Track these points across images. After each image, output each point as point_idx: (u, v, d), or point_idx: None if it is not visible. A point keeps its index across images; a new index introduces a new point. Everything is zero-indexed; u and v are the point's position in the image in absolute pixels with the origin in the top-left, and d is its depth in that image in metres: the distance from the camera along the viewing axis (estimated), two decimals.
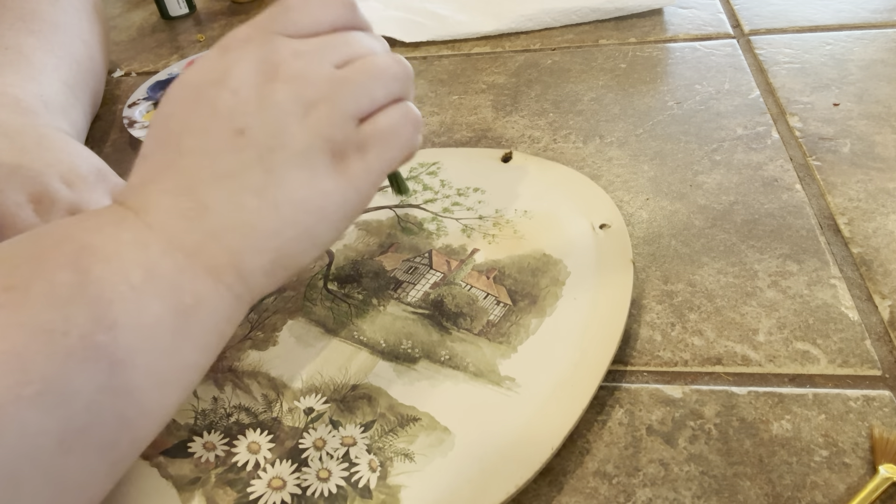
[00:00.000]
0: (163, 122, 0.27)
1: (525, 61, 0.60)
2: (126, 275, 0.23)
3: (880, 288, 0.36)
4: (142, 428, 0.23)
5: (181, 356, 0.24)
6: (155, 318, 0.23)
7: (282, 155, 0.26)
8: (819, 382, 0.32)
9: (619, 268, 0.36)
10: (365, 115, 0.28)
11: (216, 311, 0.25)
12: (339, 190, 0.27)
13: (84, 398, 0.21)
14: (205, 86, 0.26)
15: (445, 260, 0.39)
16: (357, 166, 0.27)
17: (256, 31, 0.27)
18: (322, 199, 0.26)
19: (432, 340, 0.34)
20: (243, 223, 0.25)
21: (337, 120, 0.26)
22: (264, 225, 0.25)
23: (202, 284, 0.24)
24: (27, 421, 0.20)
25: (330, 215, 0.27)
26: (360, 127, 0.27)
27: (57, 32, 0.52)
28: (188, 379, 0.25)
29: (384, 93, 0.28)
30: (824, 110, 0.49)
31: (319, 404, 0.32)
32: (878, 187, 0.42)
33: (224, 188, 0.25)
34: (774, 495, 0.28)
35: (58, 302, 0.21)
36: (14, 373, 0.20)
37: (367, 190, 0.28)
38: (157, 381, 0.23)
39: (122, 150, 0.55)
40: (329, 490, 0.29)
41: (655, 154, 0.46)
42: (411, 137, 0.29)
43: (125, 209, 0.25)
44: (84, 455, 0.21)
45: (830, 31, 0.58)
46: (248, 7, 0.78)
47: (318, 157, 0.26)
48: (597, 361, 0.32)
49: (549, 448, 0.29)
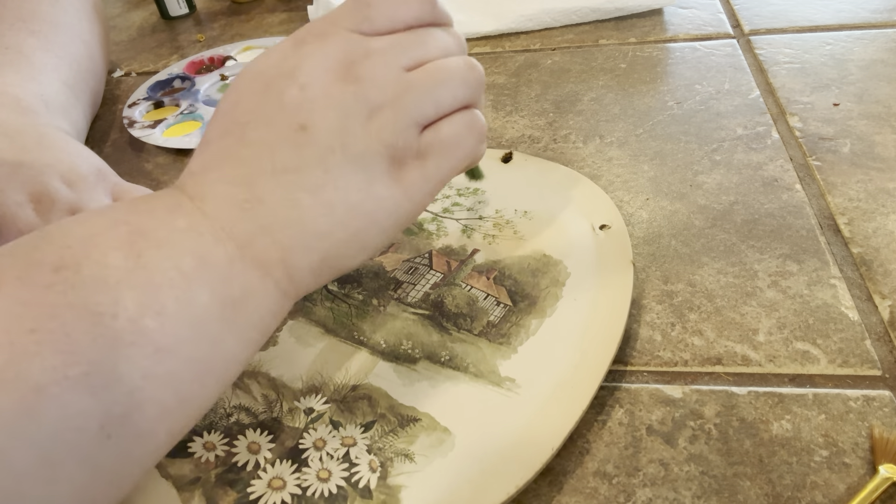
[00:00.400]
0: (228, 110, 0.27)
1: (525, 61, 0.60)
2: (177, 261, 0.23)
3: (880, 288, 0.36)
4: (180, 419, 0.23)
5: (224, 348, 0.24)
6: (203, 307, 0.23)
7: (341, 156, 0.25)
8: (819, 382, 0.32)
9: (620, 268, 0.36)
10: (430, 121, 0.27)
11: (262, 306, 0.25)
12: (393, 197, 0.26)
13: (128, 384, 0.21)
14: (274, 77, 0.26)
15: (445, 260, 0.39)
16: (414, 175, 0.27)
17: (332, 27, 0.27)
18: (375, 204, 0.26)
19: (432, 341, 0.34)
20: (296, 220, 0.25)
21: (399, 126, 0.26)
22: (316, 224, 0.25)
23: (251, 277, 0.24)
24: (71, 403, 0.20)
25: (381, 221, 0.26)
26: (423, 134, 0.27)
27: (57, 32, 0.52)
28: (229, 372, 0.25)
29: (451, 99, 0.27)
30: (824, 110, 0.49)
31: (319, 404, 0.32)
32: (878, 187, 0.42)
33: (281, 183, 0.25)
34: (774, 495, 0.28)
35: (108, 284, 0.21)
36: (61, 353, 0.20)
37: (422, 199, 0.27)
38: (199, 372, 0.23)
39: (122, 150, 0.55)
40: (329, 490, 0.29)
41: (655, 154, 0.46)
42: (474, 148, 0.28)
43: (182, 195, 0.25)
44: (122, 442, 0.21)
45: (830, 31, 0.58)
46: (248, 7, 0.77)
47: (377, 163, 0.26)
48: (597, 362, 0.32)
49: (549, 449, 0.29)
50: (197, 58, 0.64)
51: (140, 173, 0.52)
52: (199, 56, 0.64)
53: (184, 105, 0.57)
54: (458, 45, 0.29)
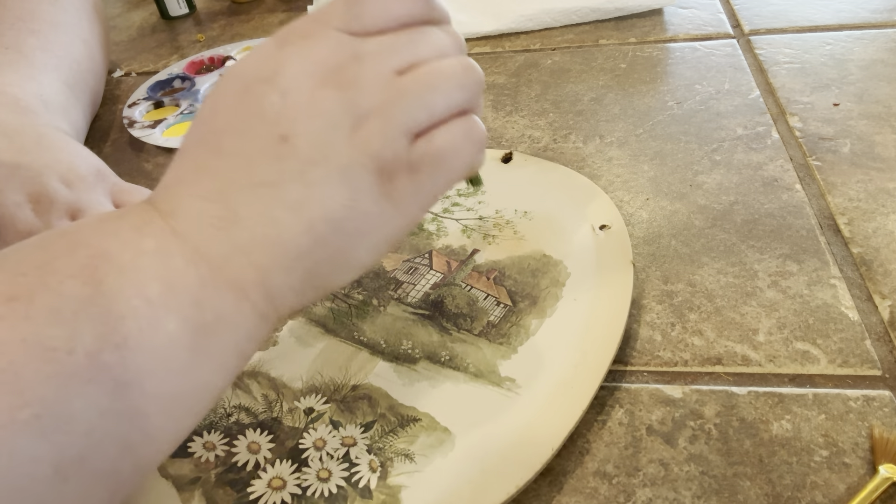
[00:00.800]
0: (206, 117, 0.25)
1: (525, 61, 0.60)
2: (142, 288, 0.21)
3: (880, 288, 0.36)
4: (146, 455, 0.22)
5: (196, 377, 0.22)
6: (170, 336, 0.21)
7: (323, 170, 0.23)
8: (819, 382, 0.32)
9: (619, 269, 0.36)
10: (423, 129, 0.25)
11: (238, 330, 0.23)
12: (382, 213, 0.24)
13: (84, 423, 0.19)
14: (254, 82, 0.24)
15: (446, 260, 0.39)
16: (405, 189, 0.24)
17: (318, 27, 0.25)
18: (361, 221, 0.24)
19: (432, 341, 0.34)
20: (274, 239, 0.23)
21: (388, 137, 0.24)
22: (295, 243, 0.23)
23: (225, 301, 0.23)
24: (21, 448, 0.18)
25: (369, 238, 0.24)
26: (415, 144, 0.24)
27: (57, 32, 0.52)
28: (202, 402, 0.23)
29: (445, 105, 0.25)
30: (824, 110, 0.49)
31: (320, 404, 0.32)
32: (878, 187, 0.42)
33: (259, 198, 0.23)
34: (774, 495, 0.28)
35: (64, 316, 0.20)
36: (9, 394, 0.18)
37: (414, 214, 0.25)
38: (167, 405, 0.22)
39: (122, 150, 0.55)
40: (329, 490, 0.29)
41: (655, 154, 0.46)
42: (472, 157, 0.25)
43: (153, 211, 0.23)
44: (81, 484, 0.20)
45: (830, 31, 0.58)
46: (248, 7, 0.77)
47: (363, 176, 0.24)
48: (597, 363, 0.32)
49: (549, 449, 0.29)
50: (197, 58, 0.64)
51: (140, 173, 0.52)
52: (199, 56, 0.64)
53: (184, 105, 0.57)
54: (455, 45, 0.26)
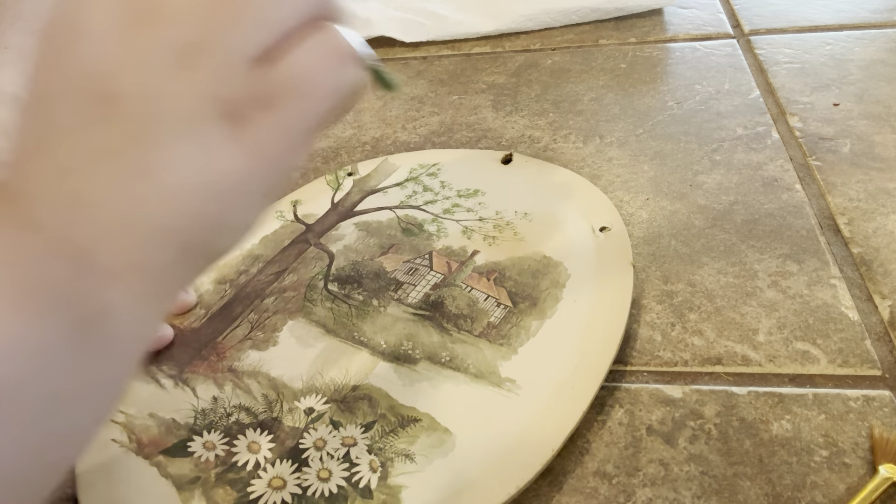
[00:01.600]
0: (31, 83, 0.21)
1: (525, 61, 0.60)
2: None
3: (880, 288, 0.36)
4: (56, 457, 0.19)
5: (89, 373, 0.20)
6: (45, 338, 0.18)
7: (161, 126, 0.19)
8: (819, 382, 0.32)
9: (619, 270, 0.36)
10: (265, 51, 0.20)
11: (128, 316, 0.20)
12: (242, 165, 0.20)
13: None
14: (59, 32, 0.20)
15: (446, 261, 0.39)
16: (263, 130, 0.20)
17: None
18: (221, 179, 0.20)
19: (433, 342, 0.34)
20: (134, 214, 0.19)
21: (221, 71, 0.19)
22: (158, 215, 0.20)
23: (101, 289, 0.19)
24: None
25: (238, 197, 0.20)
26: (261, 73, 0.20)
27: None
28: (105, 395, 0.20)
29: (288, 16, 0.20)
30: (824, 110, 0.49)
31: (320, 404, 0.32)
32: (878, 187, 0.42)
33: (103, 171, 0.19)
34: (774, 495, 0.28)
35: None
36: None
37: (283, 156, 0.21)
38: (62, 407, 0.19)
39: None
40: (329, 490, 0.29)
41: (655, 154, 0.46)
42: (337, 77, 0.21)
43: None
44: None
45: (830, 31, 0.58)
46: None
47: (207, 125, 0.19)
48: (597, 364, 0.32)
49: (549, 450, 0.29)
50: None
51: None
52: None
53: None
54: None
